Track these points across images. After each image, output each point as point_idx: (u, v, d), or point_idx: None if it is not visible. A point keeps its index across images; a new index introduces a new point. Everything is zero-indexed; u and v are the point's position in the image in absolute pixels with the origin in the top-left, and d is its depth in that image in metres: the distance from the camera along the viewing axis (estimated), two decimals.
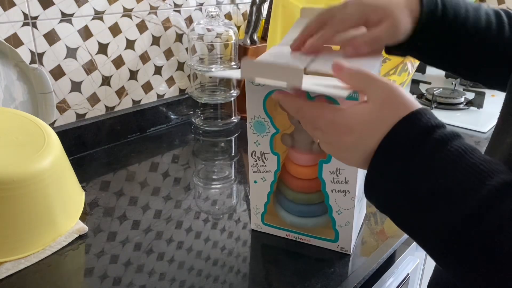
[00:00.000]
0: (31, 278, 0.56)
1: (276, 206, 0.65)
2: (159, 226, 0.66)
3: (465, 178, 0.33)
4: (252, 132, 0.58)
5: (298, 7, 0.83)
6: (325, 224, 0.62)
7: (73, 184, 0.68)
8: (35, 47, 0.80)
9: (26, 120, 0.65)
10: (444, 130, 0.36)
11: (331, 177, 0.57)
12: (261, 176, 0.61)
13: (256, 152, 0.59)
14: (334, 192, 0.58)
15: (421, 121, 0.36)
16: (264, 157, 0.59)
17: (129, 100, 0.98)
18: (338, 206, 0.59)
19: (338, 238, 0.61)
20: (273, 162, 0.59)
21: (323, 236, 0.62)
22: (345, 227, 0.59)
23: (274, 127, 0.56)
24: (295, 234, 0.63)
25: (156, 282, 0.55)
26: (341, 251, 0.61)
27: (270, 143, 0.58)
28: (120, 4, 0.90)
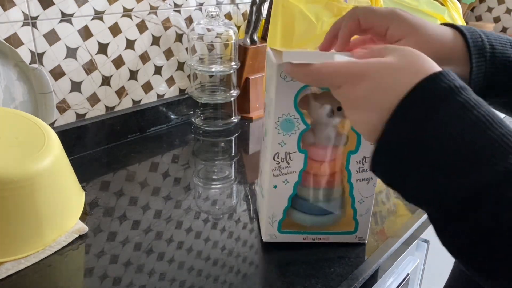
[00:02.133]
0: (31, 278, 0.56)
1: (292, 211, 0.62)
2: (159, 226, 0.66)
3: (488, 147, 0.30)
4: (277, 133, 0.55)
5: (298, 7, 0.83)
6: (344, 217, 0.63)
7: (73, 184, 0.68)
8: (35, 47, 0.80)
9: (26, 120, 0.65)
10: (471, 93, 0.33)
11: (357, 166, 0.57)
12: (283, 179, 0.59)
13: (279, 154, 0.57)
14: (358, 182, 0.59)
15: (445, 81, 0.33)
16: (289, 157, 0.57)
17: (129, 100, 0.98)
18: (360, 195, 0.60)
19: (358, 228, 0.62)
20: (299, 160, 0.57)
21: (342, 230, 0.62)
22: (365, 215, 0.61)
23: (304, 123, 0.55)
24: (313, 235, 0.63)
25: (156, 282, 0.55)
26: (359, 241, 0.63)
27: (297, 141, 0.56)
28: (120, 4, 0.90)
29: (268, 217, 0.61)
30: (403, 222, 0.69)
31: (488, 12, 1.80)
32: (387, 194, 0.77)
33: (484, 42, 0.47)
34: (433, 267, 0.88)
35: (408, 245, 0.69)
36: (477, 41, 0.46)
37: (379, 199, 0.75)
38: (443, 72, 0.34)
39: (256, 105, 1.13)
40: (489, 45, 0.47)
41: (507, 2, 1.75)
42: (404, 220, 0.69)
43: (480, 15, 1.82)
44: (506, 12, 1.76)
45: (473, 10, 1.83)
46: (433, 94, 0.33)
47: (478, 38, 0.47)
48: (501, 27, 1.78)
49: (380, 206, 0.73)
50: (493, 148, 0.30)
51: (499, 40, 0.48)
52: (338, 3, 0.81)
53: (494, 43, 0.48)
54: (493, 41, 0.48)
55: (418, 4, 0.87)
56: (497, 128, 0.31)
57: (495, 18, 1.79)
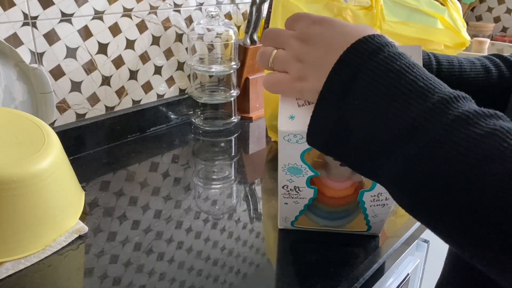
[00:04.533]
0: (31, 278, 0.56)
1: (308, 213, 0.63)
2: (159, 226, 0.66)
3: (407, 91, 0.33)
4: (285, 174, 0.54)
5: (298, 7, 0.83)
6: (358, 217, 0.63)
7: (73, 184, 0.68)
8: (35, 47, 0.80)
9: (26, 120, 0.65)
10: (395, 48, 0.36)
11: (372, 198, 0.58)
12: (294, 201, 0.59)
13: (288, 186, 0.56)
14: (372, 207, 0.59)
15: (380, 39, 0.36)
16: (298, 189, 0.57)
17: (129, 100, 0.98)
18: (374, 213, 0.61)
19: (370, 229, 0.64)
20: (309, 192, 0.57)
21: (355, 229, 0.64)
22: (378, 223, 0.63)
23: (312, 171, 0.54)
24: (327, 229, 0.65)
25: (156, 282, 0.55)
26: (372, 234, 0.65)
27: (306, 182, 0.55)
28: (120, 4, 0.90)
29: (281, 216, 0.64)
30: (403, 222, 0.69)
31: (488, 12, 1.80)
32: (387, 194, 0.77)
33: (431, 58, 0.53)
34: (433, 267, 0.87)
35: (408, 245, 0.69)
36: (424, 57, 0.52)
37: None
38: (376, 35, 0.37)
39: (256, 105, 1.13)
40: (435, 61, 0.52)
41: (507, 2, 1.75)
42: (404, 220, 0.69)
43: (480, 15, 1.82)
44: (506, 12, 1.76)
45: (473, 10, 1.83)
46: (362, 51, 0.35)
47: (425, 56, 0.52)
48: (501, 27, 1.78)
49: None
50: (412, 90, 0.33)
51: (446, 57, 0.53)
52: (338, 3, 0.81)
53: (441, 60, 0.52)
54: (440, 58, 0.53)
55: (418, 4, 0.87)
56: (414, 73, 0.34)
57: (495, 18, 1.79)
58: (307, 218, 0.64)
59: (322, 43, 0.38)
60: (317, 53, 0.38)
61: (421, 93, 0.33)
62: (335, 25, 0.39)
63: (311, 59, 0.39)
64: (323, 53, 0.38)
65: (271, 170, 0.87)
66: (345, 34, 0.37)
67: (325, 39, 0.38)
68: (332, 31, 0.38)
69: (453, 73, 0.53)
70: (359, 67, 0.35)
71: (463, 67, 0.53)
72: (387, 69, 0.34)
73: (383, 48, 0.36)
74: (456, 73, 0.53)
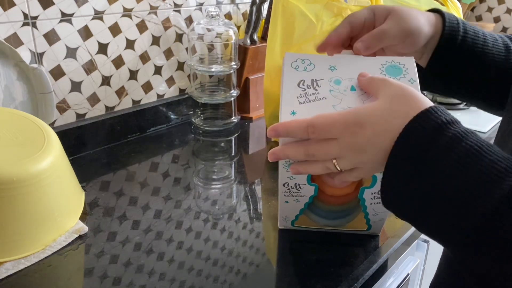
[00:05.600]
0: (31, 278, 0.56)
1: (308, 213, 0.63)
2: (159, 226, 0.66)
3: (484, 176, 0.33)
4: (285, 170, 0.54)
5: (298, 7, 0.83)
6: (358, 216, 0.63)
7: (73, 184, 0.68)
8: (35, 47, 0.80)
9: (26, 120, 0.65)
10: (459, 126, 0.36)
11: (372, 195, 0.57)
12: (294, 199, 0.59)
13: (289, 184, 0.56)
14: (372, 204, 0.59)
15: (433, 119, 0.36)
16: (299, 186, 0.57)
17: (129, 100, 0.98)
18: (374, 211, 0.60)
19: (370, 229, 0.64)
20: (310, 190, 0.57)
21: (356, 228, 0.64)
22: (378, 222, 0.62)
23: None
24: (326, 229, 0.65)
25: (156, 282, 0.55)
26: (372, 234, 0.65)
27: (307, 178, 0.55)
28: (120, 4, 0.90)
29: (281, 216, 0.63)
30: (403, 222, 0.69)
31: (488, 12, 1.80)
32: None
33: (459, 25, 0.52)
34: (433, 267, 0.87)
35: (408, 245, 0.69)
36: (453, 21, 0.52)
37: None
38: (430, 109, 0.37)
39: (256, 105, 1.13)
40: (462, 30, 0.52)
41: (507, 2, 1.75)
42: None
43: (480, 15, 1.82)
44: (506, 12, 1.76)
45: (473, 10, 1.83)
46: (421, 134, 0.36)
47: (454, 21, 0.52)
48: (501, 27, 1.78)
49: None
50: (488, 174, 0.33)
51: (473, 29, 0.53)
52: (338, 3, 0.81)
53: (468, 30, 0.53)
54: (468, 28, 0.53)
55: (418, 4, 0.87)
56: (487, 155, 0.33)
57: (495, 18, 1.79)
58: (307, 218, 0.63)
59: (375, 147, 0.39)
60: (375, 155, 0.40)
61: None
62: (376, 122, 0.39)
63: (370, 167, 0.41)
64: (381, 156, 0.39)
65: (271, 170, 0.87)
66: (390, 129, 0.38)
67: (377, 143, 0.39)
68: (376, 132, 0.39)
69: (476, 45, 0.53)
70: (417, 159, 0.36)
71: (487, 42, 0.53)
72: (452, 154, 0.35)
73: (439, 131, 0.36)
74: (479, 46, 0.53)
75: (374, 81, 0.43)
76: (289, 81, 0.51)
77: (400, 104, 0.38)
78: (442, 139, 0.35)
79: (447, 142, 0.35)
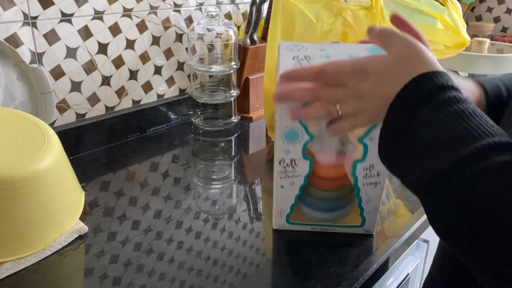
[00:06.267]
0: (31, 278, 0.56)
1: (301, 205, 0.64)
2: (159, 226, 0.66)
3: (461, 133, 0.35)
4: (282, 142, 0.57)
5: (298, 7, 0.83)
6: (352, 212, 0.65)
7: (73, 184, 0.68)
8: (35, 47, 0.80)
9: (26, 120, 0.65)
10: (458, 91, 0.38)
11: (364, 173, 0.60)
12: (290, 181, 0.61)
13: (285, 160, 0.59)
14: (365, 185, 0.61)
15: (435, 80, 0.38)
16: (294, 163, 0.59)
17: (129, 100, 0.98)
18: (367, 196, 0.62)
19: (365, 223, 0.64)
20: (305, 166, 0.59)
21: (349, 224, 0.65)
22: (372, 213, 0.64)
23: (308, 135, 0.56)
24: (321, 226, 0.66)
25: (156, 282, 0.55)
26: (366, 233, 0.65)
27: (302, 150, 0.58)
28: (120, 4, 0.90)
29: (276, 210, 0.64)
30: (403, 222, 0.69)
31: (488, 12, 1.80)
32: (387, 194, 0.77)
33: (501, 88, 0.53)
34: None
35: (408, 245, 0.69)
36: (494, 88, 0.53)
37: None
38: (436, 72, 0.39)
39: (256, 105, 1.13)
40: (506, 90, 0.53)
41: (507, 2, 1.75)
42: (404, 220, 0.69)
43: (480, 15, 1.82)
44: (506, 12, 1.76)
45: (473, 10, 1.83)
46: (421, 91, 0.38)
47: (496, 89, 0.53)
48: (501, 27, 1.78)
49: (380, 206, 0.73)
50: (467, 133, 0.35)
51: None
52: (338, 3, 0.81)
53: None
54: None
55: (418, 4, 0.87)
56: (476, 118, 0.36)
57: (495, 18, 1.79)
58: (302, 213, 0.64)
59: (376, 97, 0.42)
60: (375, 106, 0.42)
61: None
62: (380, 73, 0.42)
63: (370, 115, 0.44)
64: (380, 105, 0.41)
65: (271, 170, 0.87)
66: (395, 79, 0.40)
67: (377, 93, 0.42)
68: (378, 82, 0.42)
69: None
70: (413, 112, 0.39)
71: None
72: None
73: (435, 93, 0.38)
74: None
75: (383, 34, 0.44)
76: (284, 57, 0.55)
77: (406, 62, 0.40)
78: (439, 97, 0.37)
79: (442, 101, 0.37)
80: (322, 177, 0.61)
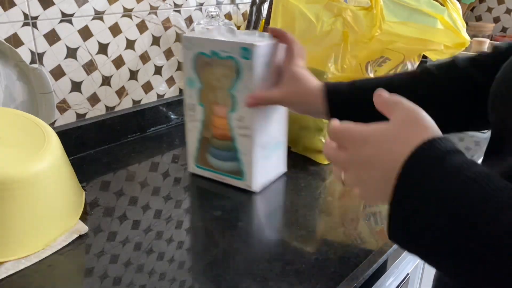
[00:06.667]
0: (31, 278, 0.56)
1: (207, 154, 0.78)
2: (159, 226, 0.66)
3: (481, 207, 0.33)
4: (187, 87, 0.75)
5: (298, 7, 0.83)
6: (239, 166, 0.76)
7: (73, 184, 0.68)
8: (35, 47, 0.80)
9: (26, 120, 0.65)
10: (462, 156, 0.36)
11: (237, 123, 0.72)
12: (193, 125, 0.77)
13: (190, 104, 0.76)
14: (240, 136, 0.72)
15: (438, 147, 0.36)
16: (194, 108, 0.76)
17: (129, 100, 0.98)
18: (243, 148, 0.73)
19: (245, 177, 0.75)
20: (200, 112, 0.75)
21: (236, 176, 0.76)
22: (248, 167, 0.74)
23: (200, 83, 0.73)
24: (218, 175, 0.78)
25: (156, 282, 0.55)
26: (247, 188, 0.75)
27: (197, 96, 0.75)
28: (120, 4, 0.90)
29: (189, 152, 0.80)
30: None
31: (488, 12, 1.80)
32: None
33: None
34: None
35: None
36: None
37: None
38: (437, 139, 0.37)
39: None
40: None
41: (507, 2, 1.75)
42: None
43: (480, 15, 1.82)
44: (506, 12, 1.76)
45: (473, 10, 1.83)
46: (425, 161, 0.36)
47: None
48: (501, 27, 1.78)
49: (380, 206, 0.73)
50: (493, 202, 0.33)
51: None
52: (338, 3, 0.81)
53: None
54: None
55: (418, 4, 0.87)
56: (491, 184, 0.34)
57: (495, 18, 1.79)
58: (206, 159, 0.78)
59: (375, 165, 0.40)
60: (374, 176, 0.40)
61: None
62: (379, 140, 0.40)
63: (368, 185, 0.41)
64: (380, 175, 0.39)
65: None
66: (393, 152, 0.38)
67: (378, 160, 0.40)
68: (377, 152, 0.40)
69: None
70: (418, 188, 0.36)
71: None
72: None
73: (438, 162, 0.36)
74: None
75: (388, 102, 0.43)
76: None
77: (407, 129, 0.38)
78: (446, 167, 0.35)
79: (451, 169, 0.35)
80: (216, 126, 0.75)
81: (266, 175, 0.76)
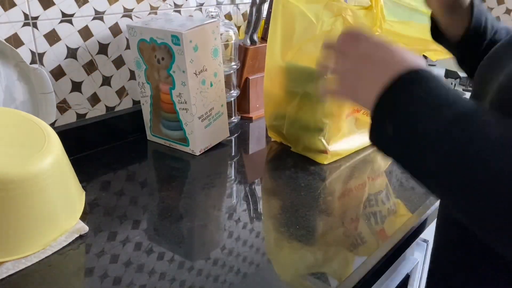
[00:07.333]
0: (31, 277, 0.56)
1: (159, 125, 0.92)
2: (159, 226, 0.66)
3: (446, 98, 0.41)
4: (136, 68, 0.88)
5: (298, 7, 0.83)
6: (184, 136, 0.90)
7: (74, 184, 0.68)
8: (36, 47, 0.80)
9: (27, 120, 0.65)
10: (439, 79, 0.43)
11: (177, 99, 0.86)
12: (145, 100, 0.91)
13: (140, 83, 0.90)
14: (181, 110, 0.87)
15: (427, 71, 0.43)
16: (144, 86, 0.90)
17: (129, 100, 0.98)
18: (185, 120, 0.87)
19: (189, 143, 0.89)
20: (148, 89, 0.89)
21: (183, 143, 0.90)
22: (191, 135, 0.88)
23: (144, 64, 0.87)
24: (170, 142, 0.92)
25: (156, 281, 0.55)
26: (193, 153, 0.90)
27: (144, 76, 0.88)
28: (121, 5, 0.90)
29: (146, 123, 0.94)
30: (403, 222, 0.69)
31: None
32: (387, 194, 0.77)
33: (487, 21, 0.62)
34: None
35: (408, 245, 0.69)
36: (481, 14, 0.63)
37: (379, 199, 0.75)
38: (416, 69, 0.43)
39: (256, 105, 1.13)
40: (490, 26, 0.63)
41: (507, 2, 1.75)
42: (404, 220, 0.69)
43: None
44: (505, 12, 1.76)
45: None
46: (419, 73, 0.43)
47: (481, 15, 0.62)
48: None
49: (380, 206, 0.73)
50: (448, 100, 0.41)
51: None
52: (338, 3, 0.81)
53: (495, 25, 0.63)
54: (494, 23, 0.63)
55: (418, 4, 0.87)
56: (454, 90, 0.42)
57: None
58: (159, 129, 0.92)
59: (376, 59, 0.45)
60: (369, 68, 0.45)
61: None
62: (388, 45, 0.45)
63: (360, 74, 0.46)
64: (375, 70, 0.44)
65: (271, 170, 0.87)
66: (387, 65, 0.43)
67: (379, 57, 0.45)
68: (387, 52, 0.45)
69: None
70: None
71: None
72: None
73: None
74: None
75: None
76: None
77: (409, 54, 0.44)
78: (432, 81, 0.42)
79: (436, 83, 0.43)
80: (163, 101, 0.88)
81: (207, 141, 0.91)
